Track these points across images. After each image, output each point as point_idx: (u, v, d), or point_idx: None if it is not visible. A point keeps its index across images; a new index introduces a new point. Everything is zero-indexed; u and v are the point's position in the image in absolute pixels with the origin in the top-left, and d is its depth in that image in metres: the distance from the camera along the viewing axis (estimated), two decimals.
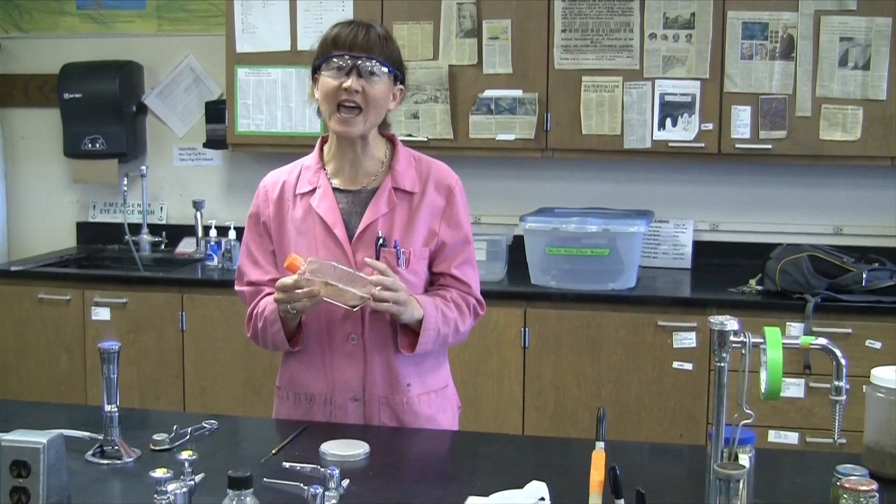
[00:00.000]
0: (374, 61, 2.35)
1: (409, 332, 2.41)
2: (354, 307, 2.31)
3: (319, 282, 2.26)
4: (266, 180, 2.55)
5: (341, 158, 2.47)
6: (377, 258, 2.37)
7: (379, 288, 2.27)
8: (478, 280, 2.54)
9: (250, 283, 2.50)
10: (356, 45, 2.34)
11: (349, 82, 2.33)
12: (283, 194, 2.49)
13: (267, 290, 2.45)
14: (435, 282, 2.50)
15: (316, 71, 2.41)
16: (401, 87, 2.45)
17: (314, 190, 2.46)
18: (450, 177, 2.51)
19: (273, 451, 2.21)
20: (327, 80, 2.37)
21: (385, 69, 2.37)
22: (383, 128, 2.52)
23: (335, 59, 2.35)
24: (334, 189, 2.46)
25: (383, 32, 2.40)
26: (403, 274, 2.39)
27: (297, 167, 2.53)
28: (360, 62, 2.34)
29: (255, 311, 2.47)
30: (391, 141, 2.53)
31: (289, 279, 2.30)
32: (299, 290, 2.28)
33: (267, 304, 2.42)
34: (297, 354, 2.48)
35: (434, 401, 2.51)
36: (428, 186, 2.46)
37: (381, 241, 2.40)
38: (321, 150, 2.53)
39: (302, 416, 2.49)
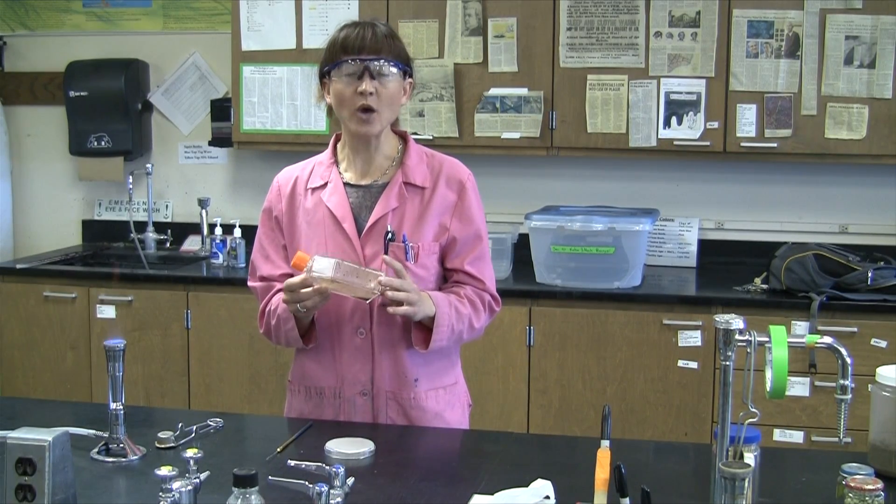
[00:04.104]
0: (384, 62, 2.37)
1: (422, 329, 2.41)
2: (365, 299, 2.32)
3: (326, 279, 2.27)
4: (279, 176, 2.57)
5: (354, 155, 2.49)
6: (385, 252, 2.39)
7: (389, 289, 2.28)
8: (493, 276, 2.54)
9: (262, 279, 2.52)
10: (365, 47, 2.36)
11: (363, 86, 2.35)
12: (296, 189, 2.51)
13: (279, 285, 2.46)
14: (449, 278, 2.51)
15: (325, 75, 2.43)
16: (410, 80, 2.48)
17: (325, 185, 2.48)
18: (462, 172, 2.52)
19: (278, 450, 2.21)
20: (341, 87, 2.39)
21: (395, 68, 2.39)
22: (394, 125, 2.54)
23: (347, 64, 2.37)
24: (345, 184, 2.48)
25: (387, 30, 2.42)
26: (412, 268, 2.40)
27: (310, 164, 2.55)
28: (371, 64, 2.36)
29: (268, 308, 2.48)
30: (403, 138, 2.54)
31: (296, 279, 2.30)
32: (307, 289, 2.29)
33: (279, 301, 2.43)
34: (308, 349, 2.49)
35: (442, 397, 2.51)
36: (439, 182, 2.48)
37: (389, 235, 2.40)
38: (335, 147, 2.55)
39: (312, 410, 2.50)
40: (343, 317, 2.43)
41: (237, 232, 4.58)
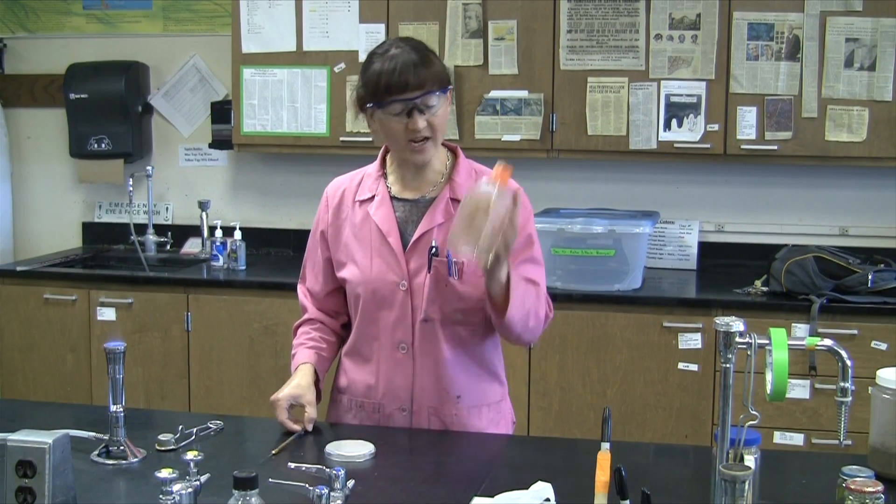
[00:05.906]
0: (430, 95, 2.29)
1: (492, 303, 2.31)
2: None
3: None
4: (329, 187, 2.56)
5: (403, 171, 2.45)
6: (429, 267, 2.36)
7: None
8: (544, 279, 2.45)
9: (305, 287, 2.60)
10: (409, 87, 2.27)
11: (417, 124, 2.29)
12: (343, 201, 2.50)
13: (309, 313, 2.56)
14: None
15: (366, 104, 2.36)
16: (451, 88, 2.40)
17: (373, 197, 2.46)
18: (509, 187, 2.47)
19: (273, 452, 2.21)
20: (390, 124, 2.32)
21: (441, 95, 2.32)
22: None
23: (394, 104, 2.29)
24: (393, 197, 2.45)
25: (421, 57, 2.31)
26: (455, 284, 2.36)
27: (359, 174, 2.53)
28: (419, 101, 2.28)
29: (298, 331, 2.58)
30: (453, 152, 2.51)
31: (286, 414, 2.38)
32: (284, 420, 2.37)
33: (298, 349, 2.53)
34: (350, 360, 2.51)
35: (486, 414, 2.49)
36: None
37: (433, 250, 2.37)
38: (383, 158, 2.52)
39: (351, 420, 2.50)
40: (385, 330, 2.42)
41: (237, 234, 4.58)
